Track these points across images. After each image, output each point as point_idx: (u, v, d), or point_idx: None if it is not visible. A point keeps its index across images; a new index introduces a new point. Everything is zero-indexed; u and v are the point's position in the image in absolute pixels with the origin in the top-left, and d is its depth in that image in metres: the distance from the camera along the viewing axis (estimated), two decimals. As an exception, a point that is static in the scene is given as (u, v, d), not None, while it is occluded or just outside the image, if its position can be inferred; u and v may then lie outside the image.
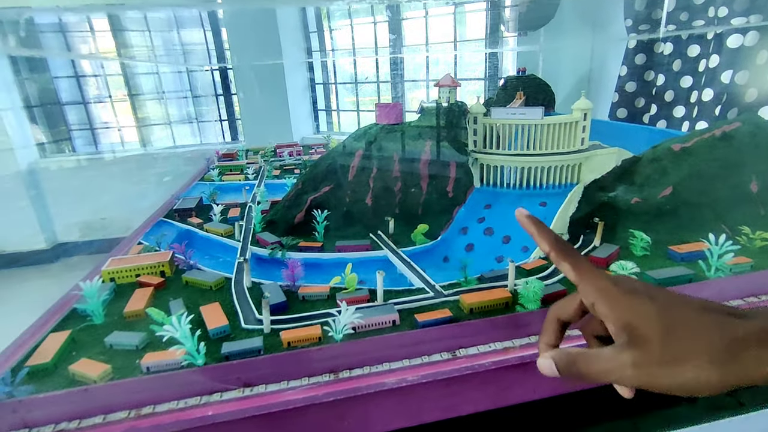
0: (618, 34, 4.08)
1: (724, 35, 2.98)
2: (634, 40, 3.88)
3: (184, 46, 7.19)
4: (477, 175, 2.35)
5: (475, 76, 5.49)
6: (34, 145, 6.75)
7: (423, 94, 5.89)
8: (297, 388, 1.24)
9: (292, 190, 2.48)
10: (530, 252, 1.97)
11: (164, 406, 1.19)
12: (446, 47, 5.53)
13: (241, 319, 1.49)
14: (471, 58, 5.58)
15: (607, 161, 2.31)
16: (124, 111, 7.13)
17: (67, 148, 7.20)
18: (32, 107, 6.62)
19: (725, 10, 2.94)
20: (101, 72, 6.99)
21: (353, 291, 1.65)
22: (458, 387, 1.30)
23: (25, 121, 6.45)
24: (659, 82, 3.70)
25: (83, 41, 7.14)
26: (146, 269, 1.85)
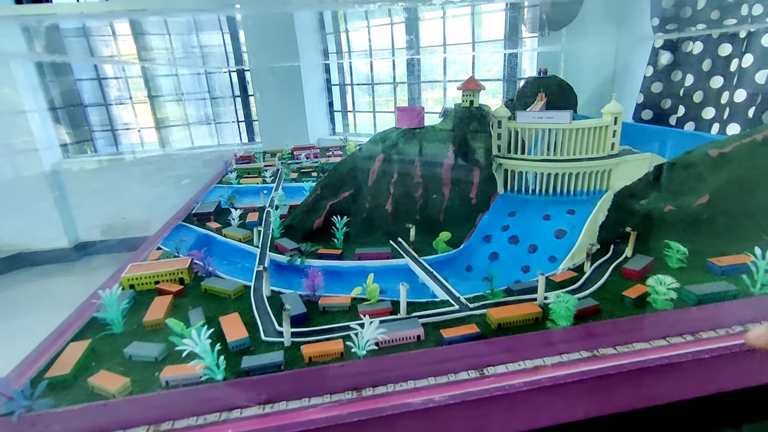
0: (644, 33, 3.95)
1: (758, 33, 2.84)
2: (661, 39, 3.75)
3: (202, 49, 7.25)
4: (501, 181, 2.27)
5: (491, 76, 5.40)
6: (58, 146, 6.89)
7: (438, 95, 5.82)
8: (319, 406, 1.19)
9: (311, 195, 2.44)
10: (558, 262, 1.89)
11: (183, 422, 1.16)
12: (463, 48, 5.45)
13: (261, 331, 1.45)
14: (487, 58, 5.49)
15: (638, 167, 2.21)
16: (144, 112, 7.24)
17: (89, 149, 7.34)
18: (56, 109, 6.76)
19: (760, 8, 2.81)
20: (122, 74, 7.11)
21: (375, 302, 1.59)
22: (487, 408, 1.23)
23: (49, 123, 6.59)
24: (687, 83, 3.56)
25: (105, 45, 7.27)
26: (165, 276, 1.83)
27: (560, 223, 2.05)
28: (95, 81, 6.86)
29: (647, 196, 2.20)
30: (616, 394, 1.32)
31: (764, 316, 1.43)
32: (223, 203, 2.88)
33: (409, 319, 1.45)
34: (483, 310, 1.52)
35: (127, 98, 7.23)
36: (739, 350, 1.34)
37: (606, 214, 2.07)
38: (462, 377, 1.27)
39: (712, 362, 1.34)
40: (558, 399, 1.27)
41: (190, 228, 2.54)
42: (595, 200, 2.13)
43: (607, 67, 4.49)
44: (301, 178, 3.47)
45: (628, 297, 1.52)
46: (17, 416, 1.08)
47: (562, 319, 1.38)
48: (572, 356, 1.34)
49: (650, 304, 1.49)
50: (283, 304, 1.53)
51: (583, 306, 1.44)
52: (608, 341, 1.37)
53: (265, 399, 1.20)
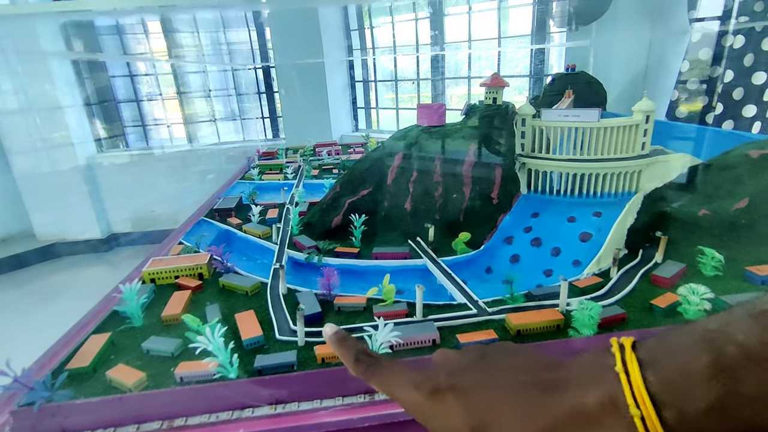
0: (680, 27, 3.77)
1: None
2: (698, 33, 3.57)
3: (229, 46, 7.38)
4: (524, 181, 2.21)
5: (517, 73, 5.27)
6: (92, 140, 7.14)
7: (463, 91, 5.72)
8: (330, 409, 1.18)
9: (329, 193, 2.43)
10: (582, 267, 1.82)
11: (196, 419, 1.16)
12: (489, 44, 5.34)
13: (276, 330, 1.45)
14: (513, 54, 5.36)
15: (670, 168, 2.10)
16: (173, 108, 7.43)
17: (121, 144, 7.58)
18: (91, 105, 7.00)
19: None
20: (153, 71, 7.31)
21: (391, 304, 1.57)
22: (503, 418, 1.19)
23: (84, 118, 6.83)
24: (727, 79, 3.38)
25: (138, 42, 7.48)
26: (185, 271, 1.86)
27: (586, 226, 1.97)
28: (128, 78, 7.08)
29: (680, 199, 2.09)
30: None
31: (808, 331, 1.33)
32: (245, 199, 2.91)
33: (424, 322, 1.42)
34: (502, 315, 1.47)
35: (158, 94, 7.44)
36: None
37: (635, 217, 1.98)
38: (478, 384, 1.23)
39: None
40: (578, 411, 1.22)
41: (212, 223, 2.58)
42: (623, 202, 2.03)
43: (639, 62, 4.32)
44: (322, 175, 3.47)
45: (657, 306, 1.44)
46: (38, 407, 1.11)
47: (585, 328, 1.32)
48: (595, 367, 1.28)
49: (681, 314, 1.41)
50: (298, 304, 1.53)
51: (608, 314, 1.38)
52: (634, 352, 1.30)
53: (277, 399, 1.20)
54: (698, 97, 3.69)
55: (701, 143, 3.22)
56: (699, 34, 3.56)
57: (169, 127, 7.49)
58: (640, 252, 1.88)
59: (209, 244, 2.15)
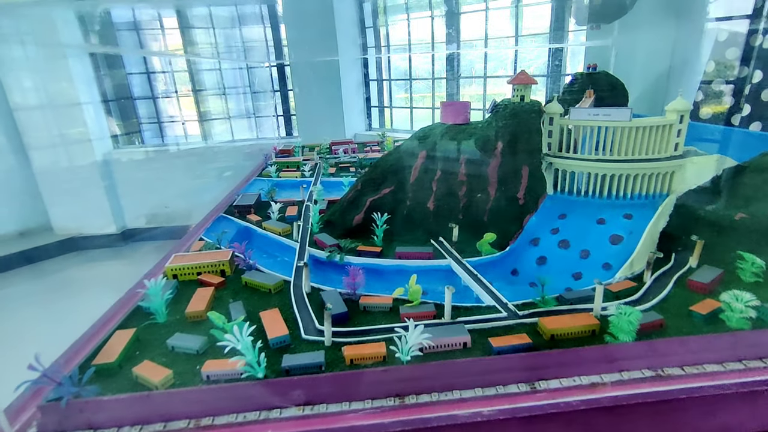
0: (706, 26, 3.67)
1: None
2: (725, 32, 3.47)
3: (245, 43, 7.40)
4: (550, 181, 2.15)
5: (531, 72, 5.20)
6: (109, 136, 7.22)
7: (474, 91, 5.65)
8: (360, 412, 1.14)
9: (350, 191, 2.40)
10: (614, 270, 1.76)
11: (223, 419, 1.14)
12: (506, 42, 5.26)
13: (301, 329, 1.42)
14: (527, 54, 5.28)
15: (704, 170, 2.03)
16: (188, 106, 7.48)
17: (137, 140, 7.66)
18: (108, 101, 7.08)
19: None
20: (169, 68, 7.36)
21: (418, 305, 1.53)
22: (540, 427, 1.14)
23: (102, 114, 6.91)
24: (756, 79, 3.28)
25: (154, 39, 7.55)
26: (207, 267, 1.84)
27: (616, 228, 1.91)
28: (144, 75, 7.14)
29: (714, 201, 2.02)
30: (686, 422, 1.20)
31: None
32: (263, 196, 2.89)
33: (454, 324, 1.38)
34: (533, 319, 1.42)
35: (173, 92, 7.49)
36: (830, 379, 1.19)
37: (667, 220, 1.91)
38: (511, 390, 1.19)
39: (797, 391, 1.19)
40: (619, 422, 1.17)
41: (231, 220, 2.56)
42: (654, 204, 1.97)
43: (662, 62, 4.22)
44: (339, 173, 3.44)
45: (697, 312, 1.39)
46: (65, 402, 1.09)
47: (623, 334, 1.27)
48: (633, 374, 1.23)
49: (723, 321, 1.35)
50: (324, 303, 1.50)
51: (645, 320, 1.32)
52: (675, 360, 1.25)
53: (305, 400, 1.17)
54: (724, 97, 3.59)
55: (728, 144, 3.13)
56: (726, 33, 3.46)
57: (183, 124, 7.54)
58: (672, 256, 1.82)
59: (230, 241, 2.13)
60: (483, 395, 1.18)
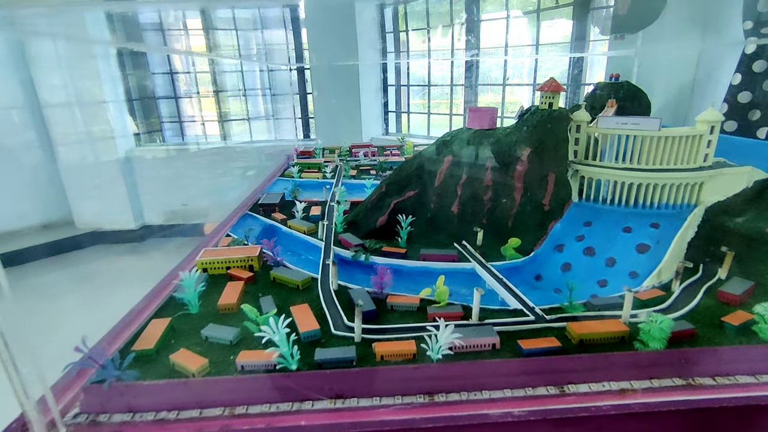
0: (733, 38, 3.63)
1: None
2: (753, 44, 3.43)
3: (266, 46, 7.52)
4: (576, 189, 2.15)
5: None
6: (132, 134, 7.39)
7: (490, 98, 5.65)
8: (390, 407, 1.16)
9: (374, 193, 2.43)
10: (640, 279, 1.75)
11: (257, 408, 1.17)
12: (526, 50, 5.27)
13: (331, 325, 1.45)
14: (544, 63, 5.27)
15: (735, 182, 2.02)
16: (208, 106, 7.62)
17: (158, 138, 7.82)
18: (132, 100, 7.25)
19: None
20: (192, 69, 7.51)
21: (444, 305, 1.55)
22: (571, 430, 1.15)
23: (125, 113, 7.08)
24: (784, 93, 3.23)
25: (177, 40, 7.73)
26: (236, 262, 1.88)
27: (643, 237, 1.91)
28: (167, 75, 7.30)
29: (744, 213, 2.00)
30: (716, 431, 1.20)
31: None
32: (287, 195, 2.94)
33: (483, 325, 1.39)
34: (561, 324, 1.43)
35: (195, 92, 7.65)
36: None
37: (696, 231, 1.90)
38: (540, 392, 1.20)
39: (833, 406, 1.18)
40: (649, 429, 1.17)
41: (256, 217, 2.61)
42: (682, 215, 1.96)
43: (686, 73, 4.18)
44: (360, 176, 3.48)
45: (729, 324, 1.38)
46: (108, 385, 1.13)
47: (654, 341, 1.27)
48: (663, 382, 1.23)
49: (756, 333, 1.34)
50: (354, 300, 1.52)
51: (677, 329, 1.32)
52: (707, 370, 1.24)
53: (337, 393, 1.19)
54: (750, 111, 3.55)
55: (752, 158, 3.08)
56: (754, 46, 3.43)
57: (203, 124, 7.68)
58: (700, 267, 1.81)
59: (258, 238, 2.17)
60: (512, 396, 1.19)
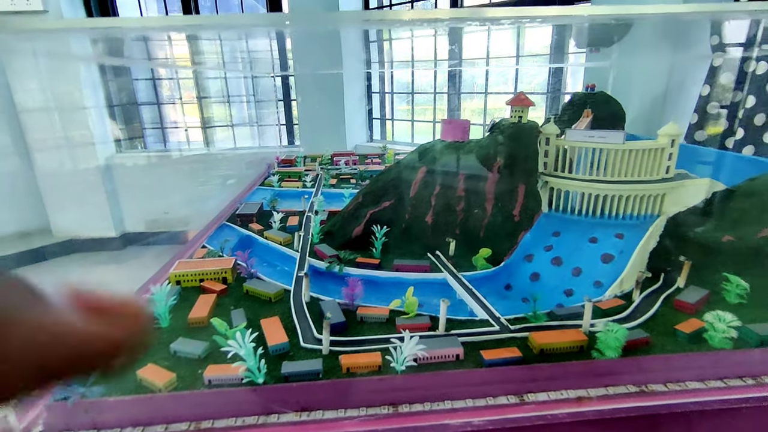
0: (702, 52, 3.78)
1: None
2: (720, 58, 3.58)
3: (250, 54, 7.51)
4: (545, 200, 2.22)
5: (532, 89, 5.33)
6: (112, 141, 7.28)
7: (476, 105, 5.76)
8: (355, 419, 1.19)
9: (351, 203, 2.46)
10: (604, 288, 1.82)
11: (223, 422, 1.18)
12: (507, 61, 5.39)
13: (300, 337, 1.47)
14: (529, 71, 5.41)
15: (695, 193, 2.10)
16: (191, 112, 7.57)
17: (140, 145, 7.72)
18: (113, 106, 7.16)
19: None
20: (174, 75, 7.46)
21: (413, 317, 1.58)
22: (527, 437, 1.19)
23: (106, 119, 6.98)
24: (749, 104, 3.38)
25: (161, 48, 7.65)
26: (210, 275, 1.89)
27: (607, 247, 1.97)
28: (149, 81, 7.24)
29: (703, 224, 2.09)
30: (666, 435, 1.25)
31: (837, 364, 1.32)
32: (265, 205, 2.95)
33: (448, 336, 1.43)
34: (524, 334, 1.48)
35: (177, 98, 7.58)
36: (807, 399, 1.24)
37: (657, 241, 1.98)
38: (501, 402, 1.24)
39: (775, 410, 1.24)
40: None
41: (234, 228, 2.62)
42: (645, 225, 2.03)
43: (659, 85, 4.32)
44: (340, 185, 3.51)
45: (682, 331, 1.44)
46: (72, 402, 1.14)
47: (609, 350, 1.32)
48: (618, 390, 1.28)
49: (706, 341, 1.40)
50: (323, 312, 1.55)
51: (632, 337, 1.38)
52: (659, 377, 1.30)
53: (302, 406, 1.21)
54: (718, 121, 3.69)
55: (721, 168, 3.20)
56: (721, 60, 3.57)
57: (186, 130, 7.62)
58: (661, 276, 1.88)
59: (232, 249, 2.18)
60: (474, 406, 1.22)
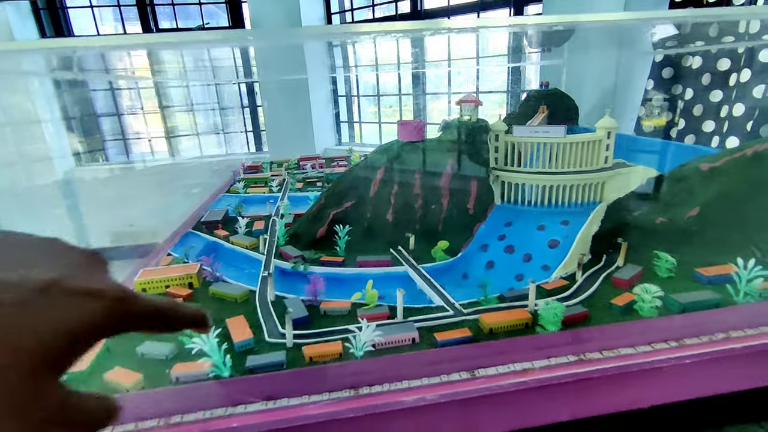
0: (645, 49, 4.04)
1: (756, 50, 2.92)
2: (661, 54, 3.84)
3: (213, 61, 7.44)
4: (498, 193, 2.36)
5: (496, 86, 5.53)
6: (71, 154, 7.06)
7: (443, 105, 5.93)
8: (318, 403, 1.27)
9: (314, 205, 2.54)
10: (551, 271, 1.96)
11: (192, 416, 1.24)
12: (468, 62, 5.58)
13: (265, 333, 1.54)
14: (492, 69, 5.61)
15: (631, 180, 2.29)
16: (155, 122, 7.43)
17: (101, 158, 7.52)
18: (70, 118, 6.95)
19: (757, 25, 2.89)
20: (135, 85, 7.31)
21: (373, 307, 1.68)
22: (476, 407, 1.30)
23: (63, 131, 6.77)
24: (687, 96, 3.64)
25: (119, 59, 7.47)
26: (175, 281, 1.93)
27: (554, 234, 2.12)
28: (108, 91, 7.07)
29: (639, 208, 2.27)
30: (601, 397, 1.39)
31: (746, 323, 1.49)
32: (231, 212, 2.98)
33: (405, 323, 1.53)
34: (476, 316, 1.59)
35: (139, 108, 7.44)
36: (721, 356, 1.40)
37: (599, 225, 2.14)
38: (454, 378, 1.34)
39: (694, 368, 1.40)
40: (544, 400, 1.34)
41: (199, 235, 2.64)
42: (588, 211, 2.20)
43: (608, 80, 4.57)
44: (306, 188, 3.57)
45: (616, 305, 1.59)
46: (40, 407, 1.17)
47: (550, 325, 1.45)
48: (560, 360, 1.41)
49: (637, 311, 1.56)
50: (286, 308, 1.62)
51: (571, 312, 1.51)
52: (595, 346, 1.43)
53: (268, 395, 1.28)
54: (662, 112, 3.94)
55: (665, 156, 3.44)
56: (661, 55, 3.83)
57: (150, 140, 7.47)
58: (603, 257, 2.04)
59: (198, 255, 2.22)
60: (429, 383, 1.32)
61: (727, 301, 1.58)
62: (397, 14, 6.08)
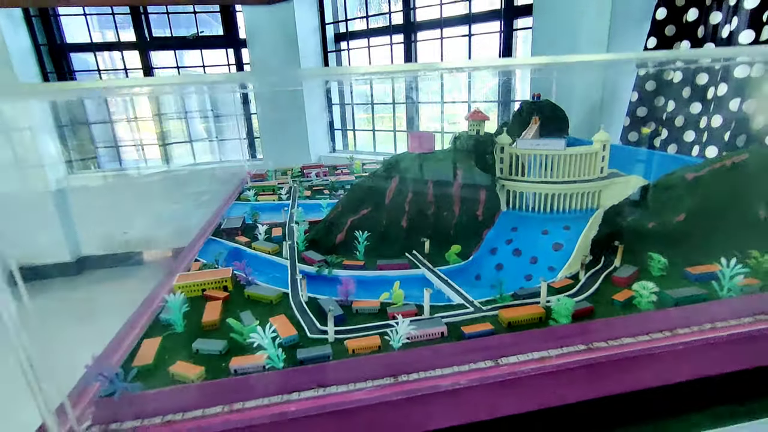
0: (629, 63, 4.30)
1: (731, 66, 3.18)
2: (644, 68, 4.10)
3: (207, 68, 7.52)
4: (504, 200, 2.55)
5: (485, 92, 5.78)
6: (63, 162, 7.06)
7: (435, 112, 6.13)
8: (364, 389, 1.43)
9: (332, 212, 2.70)
10: (556, 272, 2.16)
11: (252, 403, 1.39)
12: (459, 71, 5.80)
13: (306, 330, 1.69)
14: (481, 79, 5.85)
15: (624, 188, 2.51)
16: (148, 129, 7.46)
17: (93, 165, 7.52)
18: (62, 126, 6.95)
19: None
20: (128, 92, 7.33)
21: (401, 306, 1.84)
22: (500, 390, 1.48)
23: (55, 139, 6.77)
24: (669, 108, 3.89)
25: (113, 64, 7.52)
26: (211, 284, 2.06)
27: (557, 237, 2.33)
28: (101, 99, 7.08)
29: (633, 213, 2.49)
30: (607, 380, 1.58)
31: (729, 315, 1.71)
32: (247, 219, 3.12)
33: (433, 318, 1.70)
34: (494, 312, 1.77)
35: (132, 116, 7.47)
36: (708, 344, 1.62)
37: (597, 230, 2.35)
38: (480, 366, 1.52)
39: (685, 353, 1.61)
40: (559, 383, 1.53)
41: (220, 242, 2.78)
42: (587, 217, 2.41)
43: (595, 93, 4.85)
44: (314, 196, 3.72)
45: (617, 300, 1.79)
46: (119, 395, 1.31)
47: (562, 318, 1.64)
48: (571, 349, 1.60)
49: (635, 306, 1.76)
50: (325, 307, 1.78)
51: (579, 307, 1.71)
52: (601, 336, 1.63)
53: (319, 384, 1.44)
54: (646, 123, 4.21)
55: (650, 165, 3.70)
56: (644, 70, 4.09)
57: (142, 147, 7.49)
58: (602, 258, 2.25)
59: (226, 260, 2.36)
60: (459, 371, 1.50)
61: (712, 295, 1.79)
62: (390, 25, 6.29)
